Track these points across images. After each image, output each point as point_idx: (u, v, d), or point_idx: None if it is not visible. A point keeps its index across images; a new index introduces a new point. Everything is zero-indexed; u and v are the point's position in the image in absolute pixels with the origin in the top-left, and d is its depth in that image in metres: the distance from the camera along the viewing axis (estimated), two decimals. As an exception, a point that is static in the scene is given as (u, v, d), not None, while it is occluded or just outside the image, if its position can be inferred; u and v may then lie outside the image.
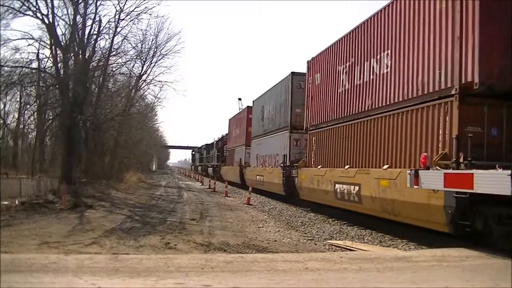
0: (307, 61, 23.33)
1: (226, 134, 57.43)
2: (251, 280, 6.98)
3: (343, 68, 18.68)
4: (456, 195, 10.66)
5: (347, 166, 17.47)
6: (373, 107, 15.91)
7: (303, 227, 16.92)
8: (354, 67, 17.62)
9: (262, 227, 16.52)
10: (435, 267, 8.51)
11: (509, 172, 8.54)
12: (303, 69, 27.17)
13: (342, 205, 17.88)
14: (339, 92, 18.88)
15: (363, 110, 16.71)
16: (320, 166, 20.48)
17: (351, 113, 17.70)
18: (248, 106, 41.47)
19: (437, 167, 11.70)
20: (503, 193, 8.80)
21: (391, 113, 14.71)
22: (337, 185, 17.91)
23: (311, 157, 22.00)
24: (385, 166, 14.65)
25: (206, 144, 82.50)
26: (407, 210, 13.29)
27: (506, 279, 7.49)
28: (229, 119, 53.55)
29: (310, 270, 7.74)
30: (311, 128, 22.31)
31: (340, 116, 18.76)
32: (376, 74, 15.84)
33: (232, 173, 45.35)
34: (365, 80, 16.70)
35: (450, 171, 11.07)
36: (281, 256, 9.86)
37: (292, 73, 26.49)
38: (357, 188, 16.17)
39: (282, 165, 26.24)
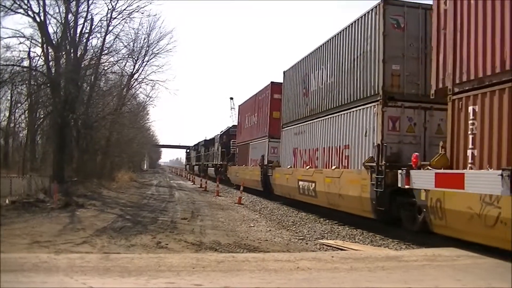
0: None
1: (233, 126, 50.06)
2: (242, 280, 6.98)
3: None
4: None
5: None
6: None
7: (294, 226, 16.93)
8: None
9: (253, 226, 16.54)
10: (426, 267, 8.53)
11: (499, 172, 8.59)
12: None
13: None
14: None
15: None
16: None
17: None
18: (272, 83, 30.11)
19: (429, 166, 11.70)
20: (494, 193, 8.86)
21: None
22: None
23: (462, 146, 11.12)
24: None
25: (205, 140, 70.18)
26: None
27: (497, 278, 7.54)
28: (239, 106, 43.18)
29: (301, 270, 7.74)
30: (458, 89, 11.49)
31: None
32: None
33: (248, 175, 33.51)
34: None
35: (441, 171, 11.10)
36: (272, 255, 9.87)
37: (385, 1, 15.19)
38: None
39: (369, 164, 14.91)
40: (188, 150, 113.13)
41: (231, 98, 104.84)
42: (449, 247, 10.54)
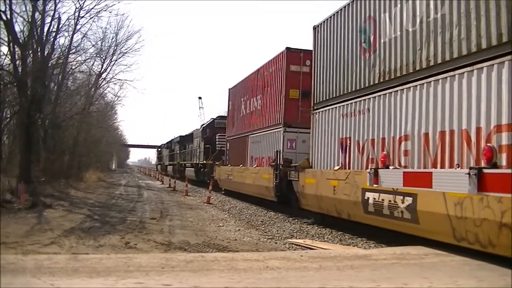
0: None
1: (218, 116, 42.33)
2: (211, 279, 6.97)
3: None
4: None
5: None
6: None
7: (263, 226, 16.95)
8: None
9: (223, 226, 16.53)
10: (394, 265, 8.61)
11: (467, 171, 8.70)
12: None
13: None
14: None
15: None
16: None
17: None
18: (288, 49, 21.92)
19: (397, 166, 11.81)
20: (461, 192, 8.98)
21: None
22: None
23: None
24: None
25: (181, 136, 59.61)
26: None
27: (463, 276, 7.63)
28: (230, 89, 33.82)
29: (270, 269, 7.76)
30: None
31: None
32: None
33: (250, 179, 24.99)
34: None
35: (409, 170, 11.22)
36: (241, 255, 9.87)
37: None
38: None
39: None
40: (159, 149, 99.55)
41: (200, 98, 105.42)
42: (416, 245, 10.65)
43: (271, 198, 21.76)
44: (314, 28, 18.00)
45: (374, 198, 12.53)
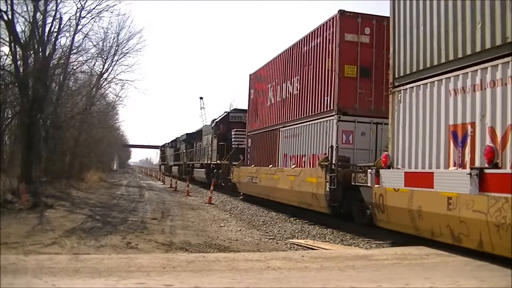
0: None
1: (233, 110, 38.49)
2: (212, 280, 6.98)
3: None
4: None
5: None
6: None
7: (264, 226, 16.94)
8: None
9: (224, 226, 16.51)
10: (395, 265, 8.61)
11: (468, 171, 8.68)
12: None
13: None
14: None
15: None
16: None
17: None
18: (342, 13, 16.51)
19: (398, 166, 11.78)
20: (463, 192, 8.95)
21: None
22: None
23: None
24: None
25: (187, 134, 53.81)
26: None
27: (464, 276, 7.63)
28: (251, 75, 28.23)
29: (272, 269, 7.76)
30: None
31: None
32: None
33: (285, 183, 19.55)
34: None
35: (411, 170, 11.18)
36: (242, 255, 9.87)
37: None
38: None
39: None
40: (162, 148, 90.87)
41: (201, 98, 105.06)
42: (418, 245, 10.64)
43: (321, 209, 16.61)
44: None
45: None
